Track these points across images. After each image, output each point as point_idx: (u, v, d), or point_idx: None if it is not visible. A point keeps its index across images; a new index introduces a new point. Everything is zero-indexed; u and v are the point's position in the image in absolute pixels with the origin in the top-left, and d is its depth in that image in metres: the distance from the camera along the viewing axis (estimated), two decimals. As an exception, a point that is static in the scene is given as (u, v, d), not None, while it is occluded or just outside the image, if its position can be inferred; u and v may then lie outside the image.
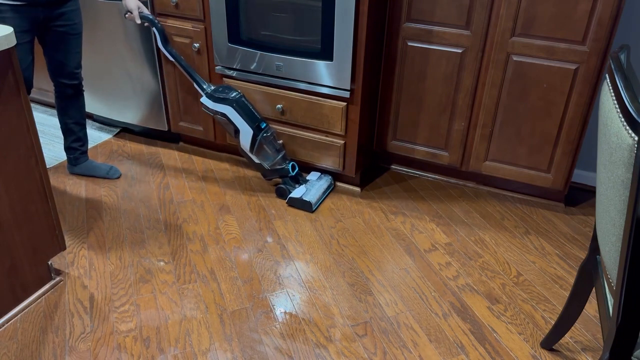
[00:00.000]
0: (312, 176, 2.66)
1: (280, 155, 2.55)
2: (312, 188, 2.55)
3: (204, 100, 2.50)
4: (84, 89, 2.56)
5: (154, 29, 2.47)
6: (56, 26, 2.27)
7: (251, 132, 2.46)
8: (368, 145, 2.68)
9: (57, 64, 2.38)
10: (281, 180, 2.60)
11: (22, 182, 1.79)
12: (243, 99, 2.49)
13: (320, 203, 2.55)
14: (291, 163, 2.57)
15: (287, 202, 2.53)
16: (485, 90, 2.39)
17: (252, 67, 2.52)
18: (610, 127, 1.09)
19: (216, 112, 2.49)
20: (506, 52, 2.28)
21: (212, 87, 2.52)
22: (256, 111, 2.52)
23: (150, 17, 2.44)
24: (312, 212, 2.48)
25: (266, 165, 2.55)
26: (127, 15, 2.45)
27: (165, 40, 2.49)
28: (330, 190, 2.64)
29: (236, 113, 2.46)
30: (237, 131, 2.49)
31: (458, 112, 2.48)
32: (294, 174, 2.57)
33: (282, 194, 2.56)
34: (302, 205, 2.49)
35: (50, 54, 2.35)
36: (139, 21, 2.43)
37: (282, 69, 2.44)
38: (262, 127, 2.50)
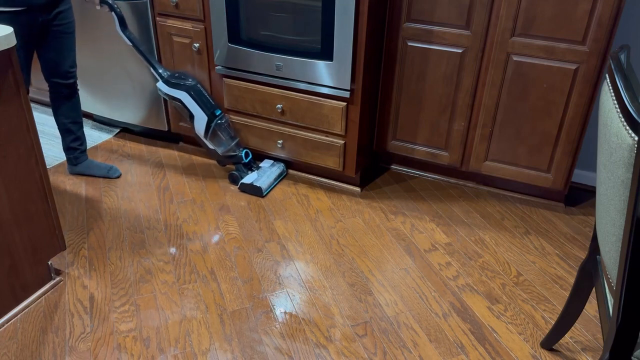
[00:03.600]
0: (265, 163, 2.75)
1: (234, 142, 2.64)
2: (263, 174, 2.63)
3: (160, 85, 2.58)
4: (78, 88, 2.56)
5: (112, 13, 2.47)
6: (52, 26, 2.27)
7: (205, 118, 2.55)
8: (368, 145, 2.68)
9: (51, 64, 2.37)
10: (235, 166, 2.67)
11: (22, 182, 1.79)
12: (199, 85, 2.59)
13: (271, 189, 2.63)
14: (245, 150, 2.66)
15: (238, 188, 2.62)
16: (485, 90, 2.39)
17: (252, 67, 2.52)
18: (610, 127, 1.09)
19: (172, 98, 2.57)
20: (506, 52, 2.28)
21: (169, 73, 2.59)
22: (212, 99, 2.61)
23: (109, 1, 2.44)
24: (263, 197, 2.57)
25: (220, 151, 2.63)
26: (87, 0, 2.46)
27: (124, 25, 2.51)
28: (282, 177, 2.73)
29: (191, 99, 2.54)
30: (191, 116, 2.58)
31: (458, 112, 2.48)
32: (247, 161, 2.65)
33: (234, 179, 2.65)
34: (252, 190, 2.58)
35: (45, 55, 2.35)
36: (98, 7, 2.43)
37: (282, 69, 2.44)
38: (217, 114, 2.58)
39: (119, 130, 3.17)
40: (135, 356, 1.74)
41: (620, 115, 1.03)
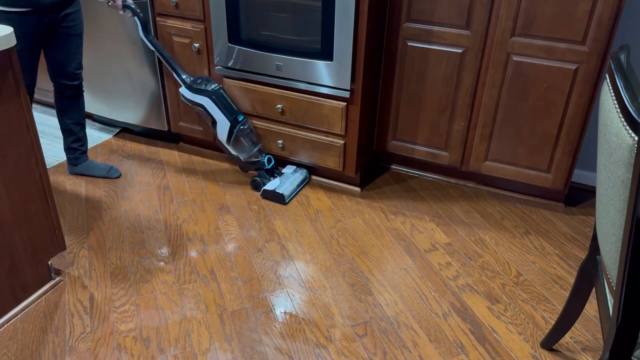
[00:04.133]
0: (288, 169, 2.70)
1: (256, 148, 2.61)
2: (286, 181, 2.59)
3: (183, 90, 2.55)
4: (84, 89, 2.56)
5: (135, 18, 2.48)
6: (60, 28, 2.27)
7: (228, 124, 2.52)
8: (368, 145, 2.68)
9: (58, 64, 2.38)
10: (257, 172, 2.65)
11: (22, 182, 1.79)
12: (221, 91, 2.55)
13: (294, 196, 2.59)
14: (267, 156, 2.62)
15: (260, 194, 2.58)
16: (485, 90, 2.39)
17: (252, 67, 2.52)
18: (610, 127, 1.09)
19: (194, 103, 2.54)
20: (506, 52, 2.28)
21: (192, 78, 2.56)
22: (234, 104, 2.57)
23: (132, 6, 2.45)
24: (285, 204, 2.52)
25: (242, 157, 2.60)
26: (109, 4, 2.46)
27: (146, 30, 2.51)
28: (305, 183, 2.69)
29: (214, 105, 2.51)
30: (214, 122, 2.54)
31: (458, 112, 2.48)
32: (269, 167, 2.62)
33: (256, 186, 2.61)
34: (275, 197, 2.53)
35: (52, 55, 2.35)
36: (121, 12, 2.44)
37: (282, 69, 2.44)
38: (240, 119, 2.55)
39: (119, 130, 3.17)
40: (135, 356, 1.74)
41: (620, 115, 1.03)
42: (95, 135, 3.09)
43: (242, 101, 2.63)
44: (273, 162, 2.65)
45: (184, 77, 2.55)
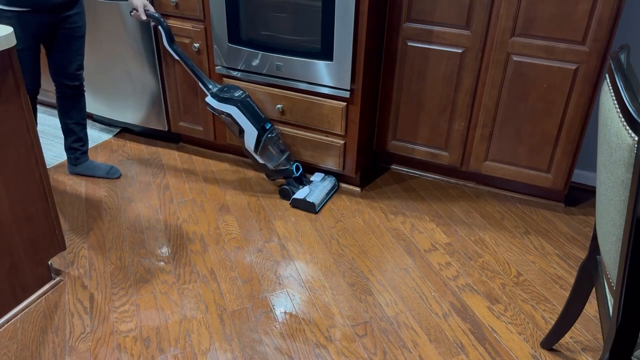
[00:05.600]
0: (316, 177, 2.65)
1: (284, 156, 2.54)
2: (315, 189, 2.54)
3: (209, 100, 2.48)
4: (85, 90, 2.56)
5: (160, 27, 2.45)
6: (61, 29, 2.27)
7: (256, 132, 2.45)
8: (368, 145, 2.68)
9: (59, 65, 2.38)
10: (285, 181, 2.59)
11: (22, 182, 1.79)
12: (248, 99, 2.47)
13: (324, 204, 2.55)
14: (295, 164, 2.55)
15: (290, 203, 2.52)
16: (485, 90, 2.39)
17: (252, 67, 2.52)
18: (610, 127, 1.09)
19: (221, 112, 2.47)
20: (506, 52, 2.28)
21: (218, 87, 2.49)
22: (261, 111, 2.50)
23: (157, 15, 2.43)
24: (316, 213, 2.47)
25: (270, 165, 2.53)
26: (132, 13, 2.44)
27: (171, 39, 2.47)
28: (334, 191, 2.64)
29: (241, 113, 2.43)
30: (241, 131, 2.47)
31: (458, 112, 2.48)
32: (297, 174, 2.55)
33: (285, 195, 2.55)
34: (305, 206, 2.48)
35: (53, 56, 2.35)
36: (144, 18, 2.41)
37: (282, 69, 2.44)
38: (267, 127, 2.48)
39: (119, 130, 3.17)
40: (135, 356, 1.74)
41: (620, 115, 1.03)
42: (95, 135, 3.09)
43: (242, 101, 2.63)
44: (301, 169, 2.58)
45: (210, 86, 2.48)
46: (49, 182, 1.89)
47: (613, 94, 1.10)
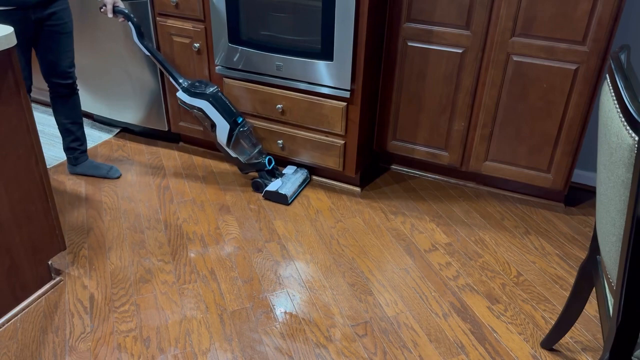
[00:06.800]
0: (288, 170, 2.70)
1: (256, 150, 2.59)
2: (287, 181, 2.59)
3: (180, 94, 2.51)
4: (78, 88, 2.56)
5: (129, 23, 2.44)
6: (47, 26, 2.27)
7: (228, 126, 2.49)
8: (368, 145, 2.68)
9: (49, 64, 2.37)
10: (258, 174, 2.63)
11: (22, 182, 1.79)
12: (220, 93, 2.51)
13: (296, 196, 2.59)
14: (267, 157, 2.61)
15: (263, 196, 2.58)
16: (485, 90, 2.39)
17: (252, 67, 2.52)
18: (610, 127, 1.09)
19: (192, 107, 2.51)
20: (506, 52, 2.28)
21: (189, 82, 2.52)
22: (233, 106, 2.53)
23: (126, 11, 2.41)
24: (288, 204, 2.52)
25: (243, 159, 2.58)
26: (102, 10, 2.43)
27: (141, 35, 2.47)
28: (306, 183, 2.69)
29: (213, 108, 2.47)
30: (213, 126, 2.51)
31: (458, 112, 2.48)
32: (270, 167, 2.61)
33: (258, 187, 2.61)
34: (278, 198, 2.53)
35: (42, 55, 2.35)
36: (110, 15, 2.40)
37: (282, 69, 2.44)
38: (239, 121, 2.52)
39: (119, 130, 3.17)
40: (135, 356, 1.74)
41: (621, 115, 1.03)
42: (95, 135, 3.09)
43: (242, 101, 2.63)
44: (274, 163, 2.64)
45: (180, 80, 2.50)
46: (49, 182, 1.89)
47: (613, 94, 1.10)
